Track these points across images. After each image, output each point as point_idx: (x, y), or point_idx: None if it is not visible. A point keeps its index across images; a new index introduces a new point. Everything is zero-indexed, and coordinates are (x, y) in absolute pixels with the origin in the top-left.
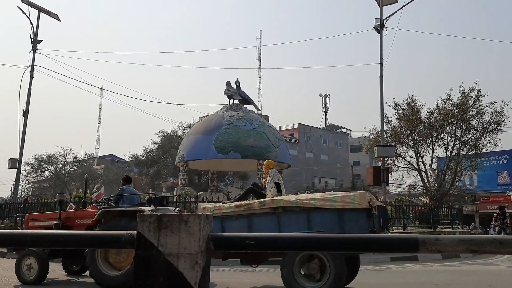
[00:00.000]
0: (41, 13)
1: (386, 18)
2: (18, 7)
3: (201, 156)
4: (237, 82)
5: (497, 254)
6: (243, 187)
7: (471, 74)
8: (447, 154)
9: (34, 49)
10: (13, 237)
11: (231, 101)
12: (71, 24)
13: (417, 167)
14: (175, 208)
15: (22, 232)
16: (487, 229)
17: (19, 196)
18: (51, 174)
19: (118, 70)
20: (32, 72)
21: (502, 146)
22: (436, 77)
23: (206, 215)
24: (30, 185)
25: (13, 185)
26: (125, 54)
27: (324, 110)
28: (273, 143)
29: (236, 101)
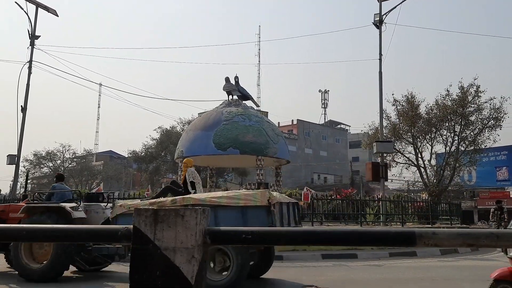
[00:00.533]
0: (39, 8)
1: (385, 13)
2: (16, 2)
3: (200, 152)
4: (236, 78)
5: (494, 247)
6: (242, 183)
7: (470, 70)
8: (446, 150)
9: (32, 44)
10: (9, 232)
11: (230, 97)
12: (69, 19)
13: (416, 163)
14: (106, 204)
15: (18, 226)
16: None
17: (17, 192)
18: (50, 170)
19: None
20: (30, 68)
21: (501, 142)
22: (435, 73)
23: (203, 209)
24: (28, 181)
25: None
26: (124, 49)
27: (323, 106)
28: (272, 139)
29: (235, 97)
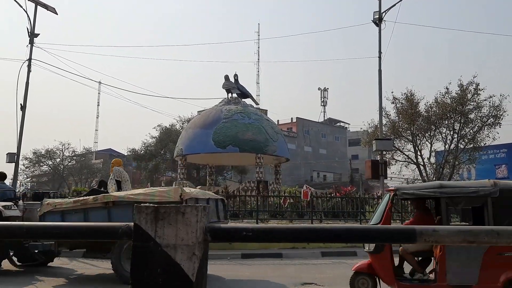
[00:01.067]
0: (38, 6)
1: (384, 11)
2: (15, 0)
3: (199, 150)
4: (236, 76)
5: (494, 245)
6: (241, 181)
7: (470, 67)
8: (445, 147)
9: (31, 42)
10: (9, 229)
11: (230, 95)
12: (69, 17)
13: (415, 161)
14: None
15: (18, 224)
16: None
17: (17, 190)
18: (49, 168)
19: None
20: (29, 66)
21: (500, 139)
22: (434, 71)
23: (203, 206)
24: (28, 179)
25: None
26: (124, 48)
27: (322, 104)
28: (271, 137)
29: (234, 95)
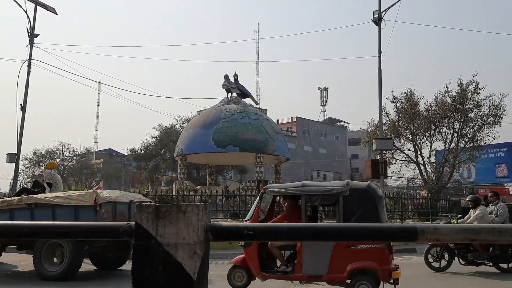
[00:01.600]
0: (37, 6)
1: (384, 10)
2: (14, 0)
3: (199, 149)
4: (235, 75)
5: (496, 242)
6: (241, 180)
7: (470, 66)
8: (445, 147)
9: (31, 43)
10: (10, 228)
11: (229, 94)
12: (68, 17)
13: (415, 160)
14: None
15: (19, 223)
16: None
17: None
18: None
19: (116, 64)
20: (29, 66)
21: (500, 138)
22: (434, 70)
23: (204, 205)
24: (28, 179)
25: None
26: (124, 48)
27: (322, 103)
28: (271, 137)
29: (234, 95)
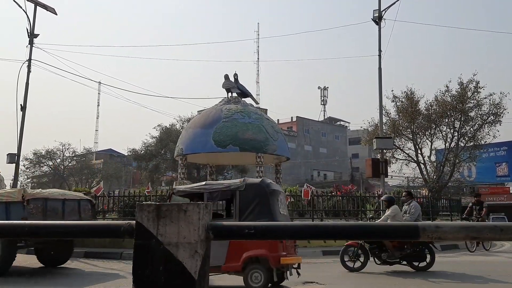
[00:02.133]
0: (37, 7)
1: (384, 9)
2: (14, 1)
3: (199, 149)
4: (235, 75)
5: (497, 240)
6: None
7: (470, 65)
8: (445, 146)
9: (31, 43)
10: (11, 228)
11: (229, 94)
12: (68, 17)
13: (416, 159)
14: None
15: (20, 222)
16: None
17: None
18: (50, 169)
19: (116, 64)
20: (29, 66)
21: (500, 137)
22: (434, 69)
23: (205, 204)
24: (29, 180)
25: (12, 180)
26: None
27: (322, 103)
28: (271, 136)
29: (234, 94)
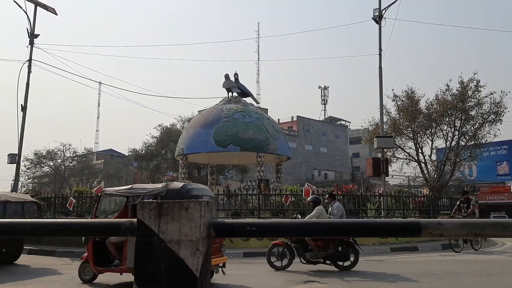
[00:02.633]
0: (37, 7)
1: (384, 8)
2: (14, 1)
3: (200, 149)
4: (236, 75)
5: (500, 237)
6: (242, 180)
7: (471, 64)
8: (446, 145)
9: (31, 43)
10: (12, 226)
11: (230, 94)
12: (68, 17)
13: (416, 158)
14: None
15: (21, 221)
16: None
17: (19, 191)
18: (51, 169)
19: (116, 64)
20: (29, 66)
21: (501, 136)
22: (435, 68)
23: (206, 202)
24: (29, 180)
25: (13, 180)
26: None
27: (323, 102)
28: (272, 136)
29: (234, 94)
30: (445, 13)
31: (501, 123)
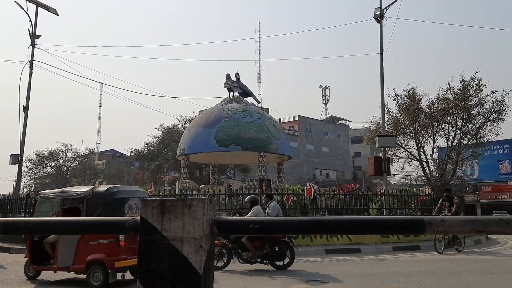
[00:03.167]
0: (39, 8)
1: (385, 7)
2: (16, 2)
3: (201, 149)
4: (237, 74)
5: (503, 234)
6: (244, 179)
7: (472, 63)
8: (448, 144)
9: (33, 44)
10: (16, 224)
11: (231, 93)
12: (70, 18)
13: (418, 158)
14: None
15: (25, 219)
16: None
17: (21, 192)
18: (53, 169)
19: (117, 64)
20: (31, 67)
21: (503, 135)
22: (436, 67)
23: (209, 199)
24: (32, 181)
25: (15, 181)
26: (125, 48)
27: (324, 102)
28: (273, 135)
29: (236, 94)
30: (446, 12)
31: (503, 122)
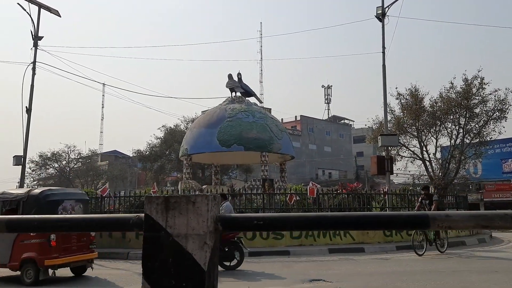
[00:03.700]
0: (41, 9)
1: (387, 6)
2: (18, 3)
3: (204, 149)
4: (239, 74)
5: (509, 229)
6: (246, 179)
7: (475, 61)
8: (451, 143)
9: (35, 45)
10: (20, 222)
11: (233, 94)
12: (72, 19)
13: (421, 157)
14: None
15: (29, 217)
16: None
17: None
18: (56, 171)
19: (119, 65)
20: (34, 69)
21: (506, 133)
22: (439, 65)
23: (213, 196)
24: (35, 182)
25: (18, 182)
26: (127, 48)
27: (326, 101)
28: (276, 135)
29: (238, 94)
30: (448, 11)
31: (505, 121)
